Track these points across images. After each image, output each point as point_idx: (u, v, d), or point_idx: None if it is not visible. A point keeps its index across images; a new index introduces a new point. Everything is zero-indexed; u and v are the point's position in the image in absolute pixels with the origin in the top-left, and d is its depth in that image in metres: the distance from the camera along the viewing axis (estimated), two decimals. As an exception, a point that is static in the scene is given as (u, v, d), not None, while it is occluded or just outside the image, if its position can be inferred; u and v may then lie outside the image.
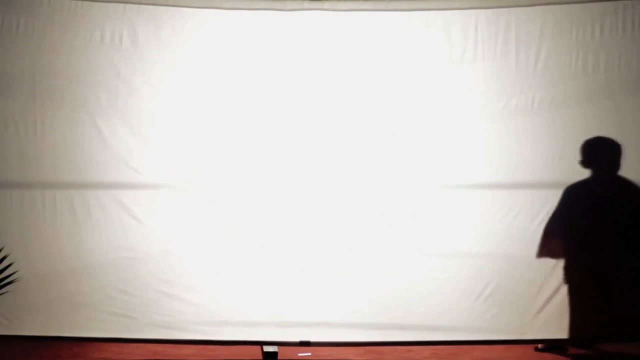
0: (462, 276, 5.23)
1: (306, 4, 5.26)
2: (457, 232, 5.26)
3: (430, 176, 5.25)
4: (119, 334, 5.17)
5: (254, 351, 5.13)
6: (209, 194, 5.24)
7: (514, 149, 5.26)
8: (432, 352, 5.22)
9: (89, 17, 5.18)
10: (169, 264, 5.21)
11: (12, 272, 4.77)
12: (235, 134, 5.25)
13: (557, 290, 5.23)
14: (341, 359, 5.05)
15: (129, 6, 5.20)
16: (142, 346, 5.20)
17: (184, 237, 5.23)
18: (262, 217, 5.25)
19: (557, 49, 5.26)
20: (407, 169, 5.25)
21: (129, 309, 5.18)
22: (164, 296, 5.19)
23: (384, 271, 5.22)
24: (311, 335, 5.19)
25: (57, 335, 5.16)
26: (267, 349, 5.08)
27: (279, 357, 5.05)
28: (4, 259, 4.76)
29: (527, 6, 5.25)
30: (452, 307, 5.24)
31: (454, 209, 5.25)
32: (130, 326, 5.17)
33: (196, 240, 5.23)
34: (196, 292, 5.21)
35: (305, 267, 5.22)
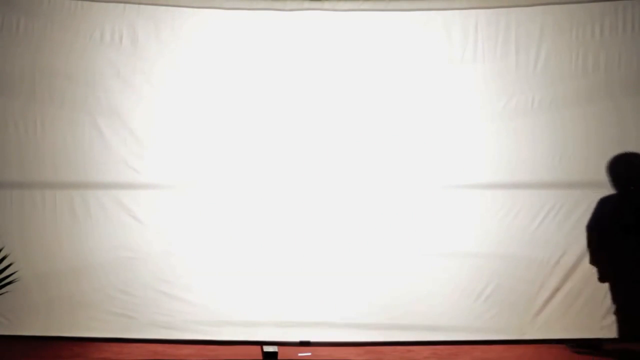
0: (462, 276, 5.23)
1: (306, 4, 5.26)
2: (457, 232, 5.25)
3: (430, 176, 5.25)
4: (119, 334, 5.17)
5: (254, 351, 5.13)
6: (209, 194, 5.24)
7: (514, 149, 5.26)
8: (432, 352, 5.21)
9: (88, 17, 5.19)
10: (169, 264, 5.21)
11: (12, 272, 4.78)
12: (235, 134, 5.25)
13: (557, 290, 5.23)
14: (341, 359, 5.05)
15: (128, 6, 5.20)
16: (142, 346, 5.20)
17: (184, 237, 5.23)
18: (262, 217, 5.25)
19: (557, 49, 5.26)
20: (407, 169, 5.25)
21: (129, 309, 5.18)
22: (164, 296, 5.19)
23: (384, 271, 5.22)
24: (311, 335, 5.19)
25: (57, 335, 5.15)
26: (267, 349, 5.07)
27: (279, 357, 5.04)
28: (4, 259, 4.76)
29: (527, 6, 5.26)
30: (452, 307, 5.24)
31: (454, 209, 5.25)
32: (130, 326, 5.17)
33: (196, 240, 5.23)
34: (196, 292, 5.21)
35: (305, 267, 5.22)
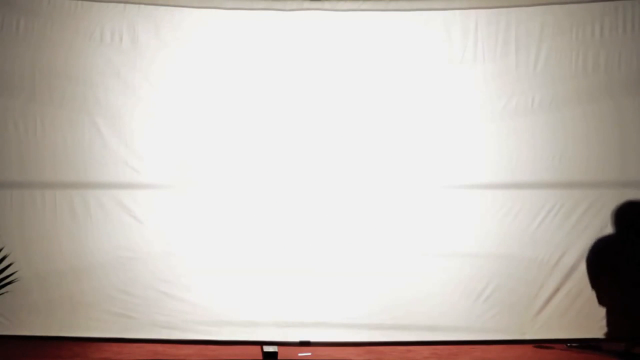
0: (462, 276, 5.23)
1: (306, 4, 5.26)
2: (457, 232, 5.25)
3: (430, 176, 5.25)
4: (119, 334, 5.17)
5: (254, 351, 5.12)
6: (209, 193, 5.24)
7: (514, 149, 5.26)
8: (432, 352, 5.20)
9: (88, 16, 5.19)
10: (168, 263, 5.21)
11: (12, 272, 4.77)
12: (235, 134, 5.25)
13: (557, 290, 5.23)
14: (341, 359, 5.04)
15: (128, 6, 5.20)
16: (142, 346, 5.19)
17: (184, 236, 5.23)
18: (262, 216, 5.25)
19: (557, 49, 5.26)
20: (407, 169, 5.25)
21: (129, 309, 5.18)
22: (164, 296, 5.19)
23: (384, 271, 5.22)
24: (311, 335, 5.19)
25: (57, 335, 5.15)
26: (267, 349, 5.07)
27: (279, 357, 5.04)
28: (4, 259, 4.75)
29: (527, 6, 5.25)
30: (452, 307, 5.23)
31: (454, 209, 5.25)
32: (130, 326, 5.17)
33: (196, 240, 5.23)
34: (196, 292, 5.20)
35: (305, 267, 5.21)
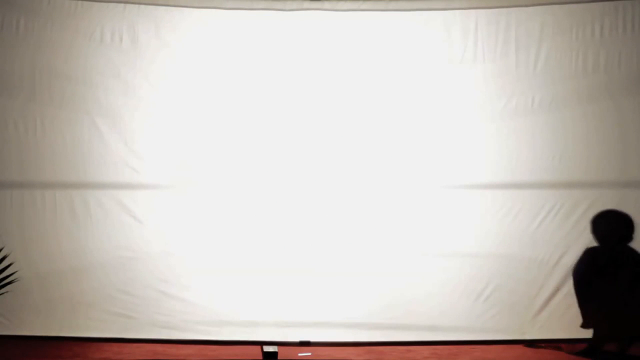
0: (462, 276, 5.23)
1: (306, 4, 5.26)
2: (457, 232, 5.26)
3: (430, 176, 5.25)
4: (119, 334, 5.17)
5: (254, 351, 5.12)
6: (208, 193, 5.24)
7: (514, 149, 5.26)
8: (432, 352, 5.20)
9: (88, 16, 5.19)
10: (168, 263, 5.21)
11: (12, 272, 4.77)
12: (235, 134, 5.26)
13: (556, 290, 5.23)
14: (341, 359, 5.04)
15: (128, 6, 5.21)
16: (142, 346, 5.19)
17: (183, 236, 5.23)
18: (261, 216, 5.25)
19: (557, 49, 5.26)
20: (407, 169, 5.26)
21: (129, 308, 5.18)
22: (163, 296, 5.19)
23: (384, 271, 5.23)
24: (311, 335, 5.19)
25: (57, 335, 5.16)
26: (267, 349, 5.07)
27: (279, 357, 5.04)
28: (4, 259, 4.75)
29: (527, 6, 5.26)
30: (452, 307, 5.24)
31: (454, 209, 5.26)
32: (130, 326, 5.17)
33: (196, 240, 5.23)
34: (196, 292, 5.21)
35: (305, 267, 5.22)
